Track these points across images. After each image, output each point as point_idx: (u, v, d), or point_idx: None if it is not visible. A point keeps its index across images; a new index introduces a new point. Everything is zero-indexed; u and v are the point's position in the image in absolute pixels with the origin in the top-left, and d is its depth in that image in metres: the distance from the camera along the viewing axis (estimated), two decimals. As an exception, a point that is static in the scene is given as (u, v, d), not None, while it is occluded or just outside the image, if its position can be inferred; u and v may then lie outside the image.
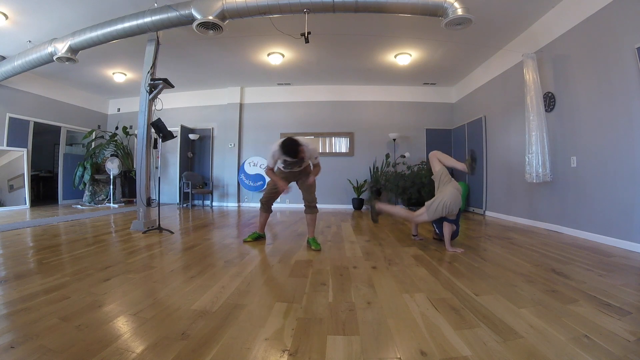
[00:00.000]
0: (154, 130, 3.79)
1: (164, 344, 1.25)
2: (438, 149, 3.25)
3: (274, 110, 7.64)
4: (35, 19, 4.35)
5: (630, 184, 3.05)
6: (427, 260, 2.60)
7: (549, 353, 1.20)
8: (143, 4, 3.90)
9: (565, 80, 3.93)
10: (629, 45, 3.04)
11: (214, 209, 6.94)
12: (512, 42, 4.94)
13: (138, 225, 3.94)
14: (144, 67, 4.11)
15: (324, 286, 1.98)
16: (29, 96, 6.60)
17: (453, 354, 1.20)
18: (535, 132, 4.12)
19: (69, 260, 2.53)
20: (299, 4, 3.52)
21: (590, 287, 1.94)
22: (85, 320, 1.45)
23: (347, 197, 7.34)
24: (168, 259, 2.64)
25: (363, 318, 1.52)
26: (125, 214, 5.67)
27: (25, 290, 1.82)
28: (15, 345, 1.22)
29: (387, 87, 7.47)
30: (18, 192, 6.39)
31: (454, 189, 2.90)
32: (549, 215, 4.20)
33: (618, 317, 1.50)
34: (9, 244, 3.13)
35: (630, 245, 2.98)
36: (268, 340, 1.30)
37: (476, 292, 1.85)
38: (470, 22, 3.43)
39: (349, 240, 3.46)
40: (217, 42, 5.09)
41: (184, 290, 1.88)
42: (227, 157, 7.76)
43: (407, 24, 4.48)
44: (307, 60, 5.98)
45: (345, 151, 7.56)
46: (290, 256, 2.74)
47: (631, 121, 3.05)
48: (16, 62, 4.92)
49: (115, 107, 8.54)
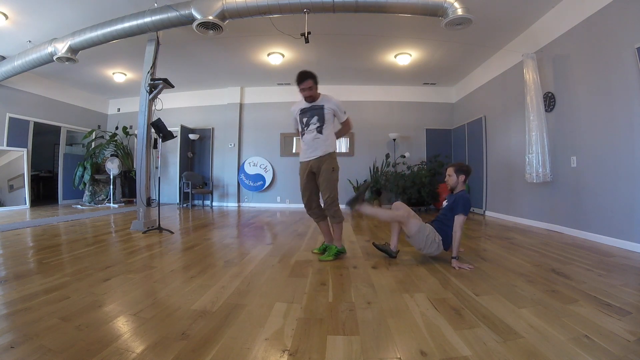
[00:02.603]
0: (154, 130, 3.79)
1: (164, 344, 1.25)
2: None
3: (274, 110, 7.64)
4: (35, 19, 4.35)
5: (630, 184, 3.05)
6: (427, 260, 2.59)
7: (549, 353, 1.20)
8: (143, 4, 3.90)
9: (565, 80, 3.93)
10: (629, 45, 3.03)
11: (214, 209, 6.94)
12: (512, 42, 4.94)
13: (138, 225, 3.94)
14: (144, 67, 4.11)
15: (324, 286, 1.98)
16: (29, 96, 6.59)
17: (453, 354, 1.20)
18: (535, 132, 4.12)
19: (69, 260, 2.53)
20: (299, 4, 3.52)
21: (590, 287, 1.94)
22: (85, 320, 1.45)
23: (347, 197, 7.31)
24: (168, 259, 2.64)
25: (363, 318, 1.52)
26: (125, 214, 5.67)
27: (25, 290, 1.82)
28: (15, 345, 1.22)
29: (387, 87, 7.47)
30: (18, 192, 6.39)
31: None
32: (549, 215, 4.20)
33: (618, 317, 1.50)
34: (9, 244, 3.13)
35: (630, 245, 2.98)
36: (268, 340, 1.30)
37: (476, 292, 1.85)
38: (470, 22, 3.43)
39: (349, 240, 3.47)
40: (217, 42, 5.09)
41: (184, 290, 1.88)
42: (227, 157, 7.76)
43: (407, 24, 4.48)
44: (307, 60, 5.98)
45: (345, 151, 7.56)
46: (290, 256, 2.74)
47: (631, 121, 3.05)
48: (16, 62, 4.92)
49: (115, 107, 8.54)
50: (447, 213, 2.55)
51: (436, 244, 2.50)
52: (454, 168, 2.63)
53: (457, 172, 2.60)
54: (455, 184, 2.61)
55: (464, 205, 2.43)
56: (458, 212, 2.43)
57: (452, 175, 2.62)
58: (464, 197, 2.48)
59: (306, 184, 2.69)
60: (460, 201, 2.46)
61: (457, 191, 2.61)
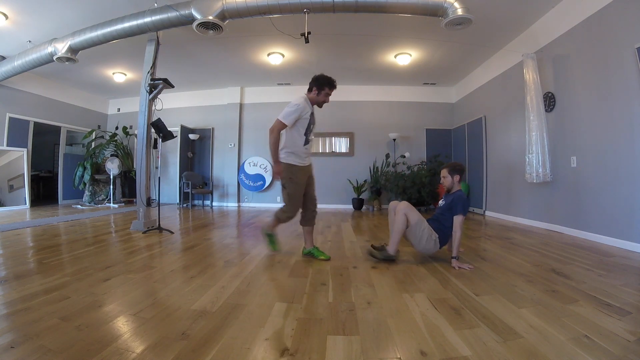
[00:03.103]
0: (154, 130, 3.79)
1: (164, 344, 1.25)
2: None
3: (274, 110, 7.53)
4: (35, 19, 4.35)
5: (630, 184, 3.05)
6: (427, 260, 2.59)
7: (549, 353, 1.20)
8: (143, 4, 3.90)
9: (565, 80, 3.93)
10: (629, 45, 3.03)
11: (214, 209, 6.94)
12: (512, 42, 4.94)
13: (138, 225, 3.94)
14: (144, 67, 4.11)
15: (324, 286, 1.98)
16: (29, 96, 6.60)
17: (453, 354, 1.20)
18: (535, 132, 4.11)
19: (69, 260, 2.53)
20: (299, 4, 3.52)
21: (590, 287, 1.94)
22: (85, 320, 1.45)
23: (347, 197, 7.34)
24: (168, 259, 2.64)
25: (363, 318, 1.52)
26: (125, 214, 5.67)
27: (25, 290, 1.82)
28: (15, 345, 1.22)
29: (387, 87, 7.47)
30: (18, 192, 6.39)
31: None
32: (549, 215, 4.20)
33: (618, 317, 1.50)
34: (9, 244, 3.13)
35: (631, 245, 2.98)
36: (268, 340, 1.30)
37: (476, 292, 1.85)
38: (470, 22, 3.43)
39: (349, 240, 3.47)
40: (217, 42, 5.09)
41: (184, 290, 1.88)
42: (227, 157, 7.76)
43: (407, 24, 4.48)
44: (307, 60, 5.98)
45: (345, 151, 7.56)
46: (290, 256, 2.74)
47: (631, 121, 3.05)
48: (16, 62, 4.92)
49: (115, 107, 8.54)
50: (445, 212, 2.55)
51: (432, 240, 2.50)
52: (448, 169, 2.64)
53: (451, 172, 2.62)
54: (451, 184, 2.62)
55: (463, 205, 2.44)
56: (457, 212, 2.44)
57: (446, 177, 2.64)
58: (462, 197, 2.49)
59: (303, 188, 2.62)
60: (458, 201, 2.46)
61: (454, 191, 2.62)
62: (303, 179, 2.57)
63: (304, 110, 2.48)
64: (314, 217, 2.70)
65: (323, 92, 2.52)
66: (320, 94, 2.52)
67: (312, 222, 2.71)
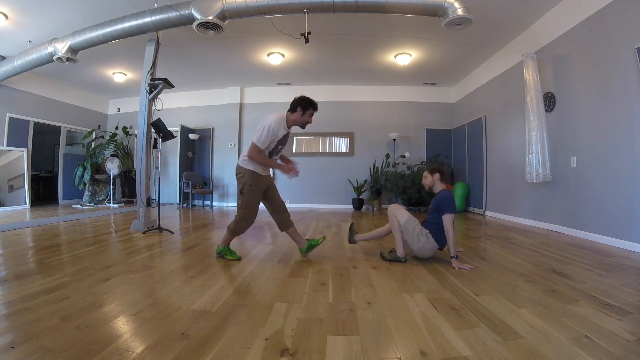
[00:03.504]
0: (154, 130, 3.79)
1: (164, 344, 1.25)
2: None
3: (274, 111, 7.54)
4: (35, 19, 4.35)
5: (630, 184, 3.05)
6: (427, 260, 2.59)
7: (549, 353, 1.20)
8: (143, 4, 3.90)
9: (565, 80, 3.93)
10: (629, 45, 3.03)
11: (214, 209, 6.94)
12: (512, 42, 4.94)
13: (138, 225, 3.94)
14: (144, 67, 4.11)
15: (324, 286, 1.98)
16: (29, 96, 6.59)
17: (453, 354, 1.20)
18: (535, 132, 4.12)
19: (69, 260, 2.53)
20: (299, 4, 3.52)
21: (590, 287, 1.94)
22: (85, 320, 1.45)
23: (347, 197, 7.34)
24: (168, 259, 2.64)
25: (363, 318, 1.52)
26: (125, 214, 5.67)
27: (25, 290, 1.82)
28: (15, 345, 1.22)
29: (387, 87, 7.47)
30: (18, 192, 6.39)
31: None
32: (549, 215, 4.20)
33: (618, 317, 1.50)
34: (9, 244, 3.13)
35: (630, 245, 2.98)
36: (268, 340, 1.30)
37: (476, 292, 1.85)
38: (470, 22, 3.43)
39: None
40: (217, 42, 5.09)
41: (184, 290, 1.88)
42: (227, 157, 7.75)
43: (407, 24, 4.48)
44: (307, 60, 5.98)
45: (345, 151, 7.56)
46: (290, 256, 2.74)
47: (631, 121, 3.05)
48: (16, 62, 4.92)
49: (115, 107, 8.54)
50: (434, 213, 2.57)
51: (424, 236, 2.52)
52: (428, 170, 2.73)
53: (431, 172, 2.68)
54: (432, 182, 2.67)
55: (449, 203, 2.47)
56: (445, 211, 2.46)
57: (427, 177, 2.70)
58: (447, 196, 2.52)
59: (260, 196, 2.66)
60: (444, 200, 2.49)
61: (436, 190, 2.66)
62: (262, 187, 2.61)
63: (278, 134, 2.56)
64: (288, 218, 2.71)
65: (307, 112, 2.61)
66: (305, 114, 2.61)
67: (290, 223, 2.71)
